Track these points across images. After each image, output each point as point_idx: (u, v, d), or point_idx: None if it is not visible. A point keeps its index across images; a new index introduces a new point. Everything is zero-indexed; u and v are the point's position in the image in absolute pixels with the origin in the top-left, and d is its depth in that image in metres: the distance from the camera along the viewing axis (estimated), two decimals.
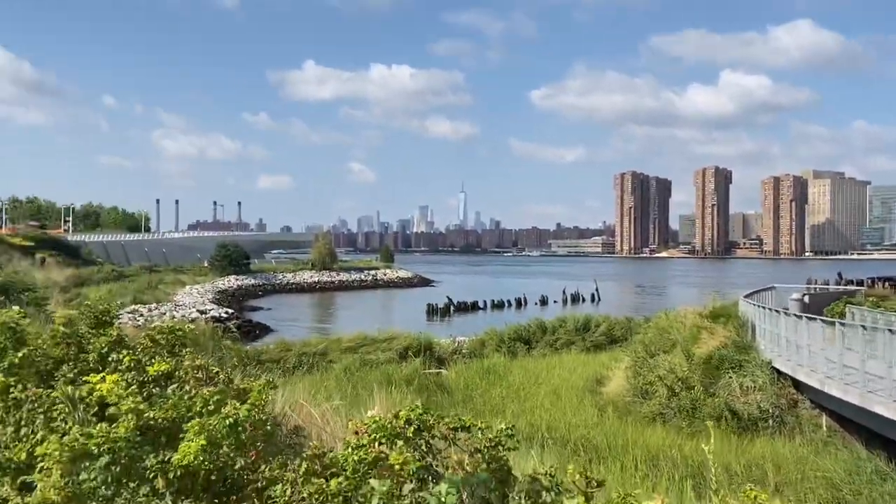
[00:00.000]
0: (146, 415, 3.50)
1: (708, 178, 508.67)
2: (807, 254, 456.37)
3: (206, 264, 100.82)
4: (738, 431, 18.26)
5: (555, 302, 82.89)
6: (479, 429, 3.30)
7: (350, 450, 3.21)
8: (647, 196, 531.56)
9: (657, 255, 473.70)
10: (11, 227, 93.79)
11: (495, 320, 51.47)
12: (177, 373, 4.52)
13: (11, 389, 3.84)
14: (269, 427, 3.48)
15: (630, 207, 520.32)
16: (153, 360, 4.79)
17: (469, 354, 33.09)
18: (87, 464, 3.09)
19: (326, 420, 5.74)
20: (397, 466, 3.08)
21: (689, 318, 26.47)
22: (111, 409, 3.84)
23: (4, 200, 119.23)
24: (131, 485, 3.08)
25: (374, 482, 2.80)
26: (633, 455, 15.11)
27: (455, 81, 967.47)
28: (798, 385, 19.17)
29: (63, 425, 3.62)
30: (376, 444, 3.36)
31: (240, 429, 3.23)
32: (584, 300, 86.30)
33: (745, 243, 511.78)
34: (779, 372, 20.02)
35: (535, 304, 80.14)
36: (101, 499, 2.98)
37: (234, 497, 3.15)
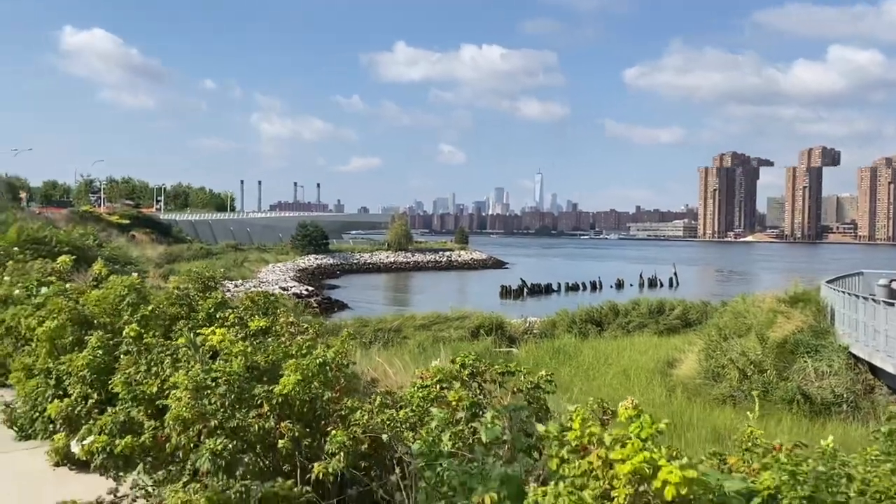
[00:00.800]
0: (252, 357, 4.30)
1: (801, 159, 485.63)
2: None
3: (287, 243, 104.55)
4: (809, 416, 18.16)
5: (631, 286, 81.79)
6: (522, 373, 3.93)
7: (415, 388, 3.90)
8: (733, 177, 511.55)
9: (743, 239, 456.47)
10: (109, 205, 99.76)
11: (569, 303, 51.27)
12: (273, 328, 5.35)
13: (144, 336, 4.72)
14: (349, 369, 4.21)
15: (714, 190, 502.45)
16: (252, 318, 5.64)
17: (540, 334, 33.52)
18: (208, 392, 3.90)
19: (399, 378, 6.48)
20: (454, 402, 3.75)
21: (766, 302, 26.10)
22: (222, 356, 4.67)
23: (102, 181, 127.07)
24: (243, 409, 3.87)
25: (434, 410, 3.47)
26: (698, 433, 15.33)
27: (547, 61, 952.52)
28: (875, 370, 18.82)
29: (186, 365, 4.46)
30: (437, 386, 4.04)
31: (327, 368, 3.97)
32: (661, 285, 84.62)
33: (838, 227, 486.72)
34: (856, 358, 19.67)
35: (611, 287, 79.31)
36: (219, 418, 3.78)
37: (323, 422, 3.91)
